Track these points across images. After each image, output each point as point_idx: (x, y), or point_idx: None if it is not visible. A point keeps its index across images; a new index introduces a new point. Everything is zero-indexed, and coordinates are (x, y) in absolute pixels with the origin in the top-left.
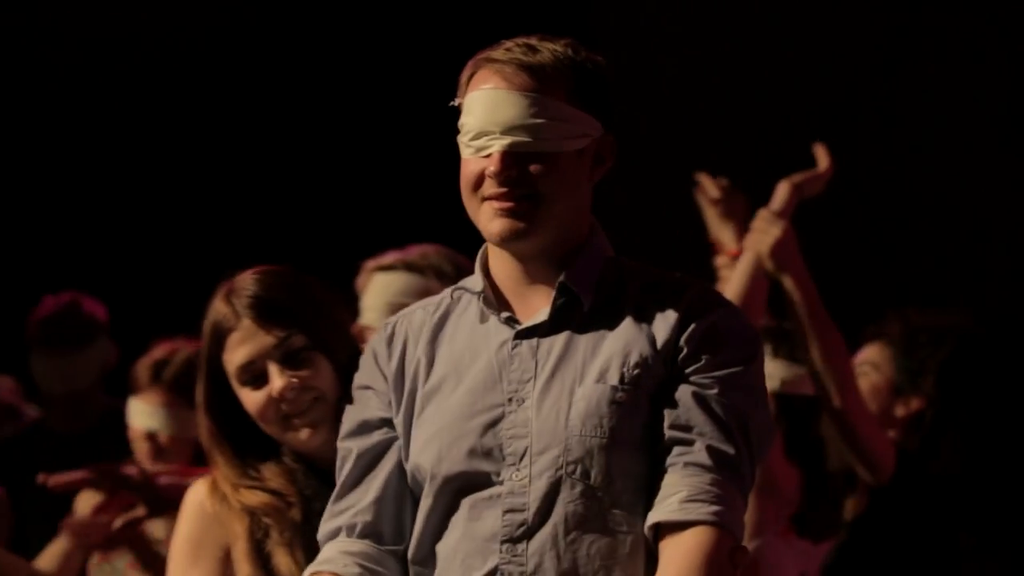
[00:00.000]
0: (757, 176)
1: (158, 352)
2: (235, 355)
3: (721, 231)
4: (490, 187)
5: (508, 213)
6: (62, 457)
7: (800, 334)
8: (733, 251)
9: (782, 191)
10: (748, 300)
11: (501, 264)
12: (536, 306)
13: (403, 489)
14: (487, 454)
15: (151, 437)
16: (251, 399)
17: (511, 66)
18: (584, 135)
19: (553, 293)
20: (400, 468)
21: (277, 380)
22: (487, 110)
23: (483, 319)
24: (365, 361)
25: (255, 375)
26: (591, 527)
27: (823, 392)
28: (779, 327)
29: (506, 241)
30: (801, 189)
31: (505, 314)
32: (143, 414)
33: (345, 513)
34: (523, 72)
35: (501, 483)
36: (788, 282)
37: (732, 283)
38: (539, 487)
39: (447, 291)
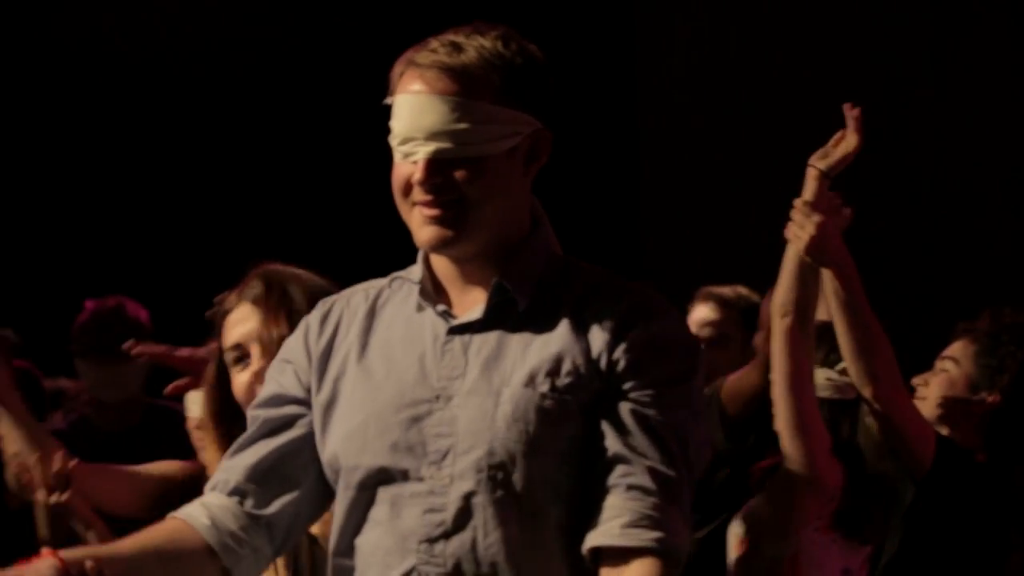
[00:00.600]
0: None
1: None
2: (228, 336)
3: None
4: (418, 194)
5: (435, 220)
6: (106, 454)
7: (838, 324)
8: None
9: (811, 181)
10: (799, 292)
11: (440, 259)
12: (474, 301)
13: (290, 466)
14: (410, 449)
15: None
16: (236, 381)
17: (433, 70)
18: (514, 134)
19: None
20: (296, 445)
21: (257, 362)
22: (412, 115)
23: (419, 309)
24: (296, 334)
25: (242, 356)
26: (510, 533)
27: (856, 382)
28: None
29: (435, 248)
30: (829, 174)
31: (441, 307)
32: (198, 403)
33: (224, 471)
34: (445, 75)
35: (422, 480)
36: (827, 273)
37: (780, 277)
38: (460, 488)
39: (387, 278)
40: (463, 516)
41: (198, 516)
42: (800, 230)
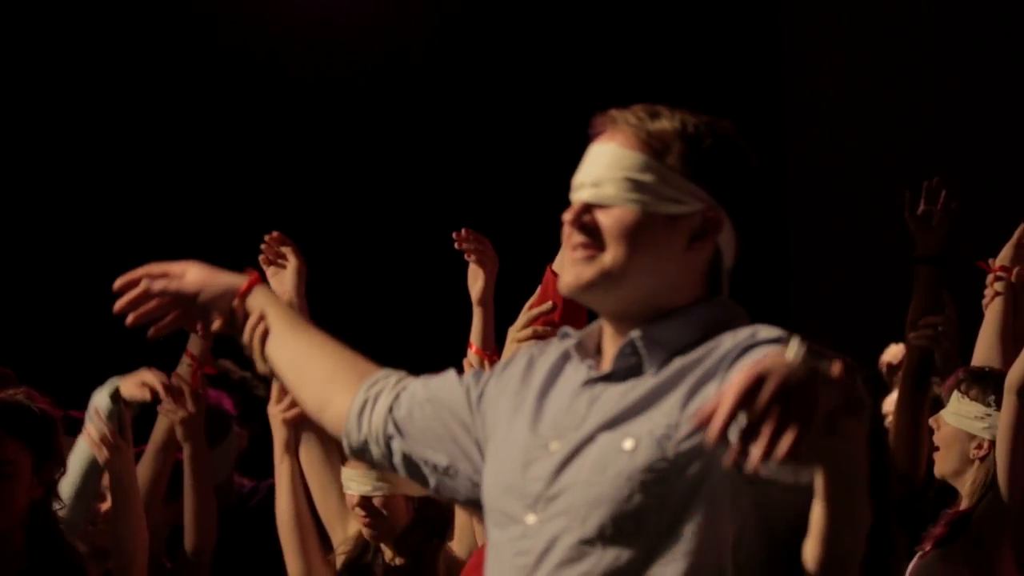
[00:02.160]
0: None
1: None
2: None
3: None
4: (566, 234)
5: (574, 263)
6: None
7: None
8: (995, 267)
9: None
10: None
11: (604, 318)
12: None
13: (434, 415)
14: (513, 491)
15: (366, 502)
16: None
17: (626, 127)
18: (679, 202)
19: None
20: (437, 407)
21: None
22: (591, 162)
23: (570, 359)
24: (505, 371)
25: None
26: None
27: None
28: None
29: (571, 292)
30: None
31: (589, 361)
32: (355, 480)
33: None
34: (634, 133)
35: (518, 523)
36: None
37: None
38: (548, 532)
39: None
40: (541, 559)
41: (360, 391)
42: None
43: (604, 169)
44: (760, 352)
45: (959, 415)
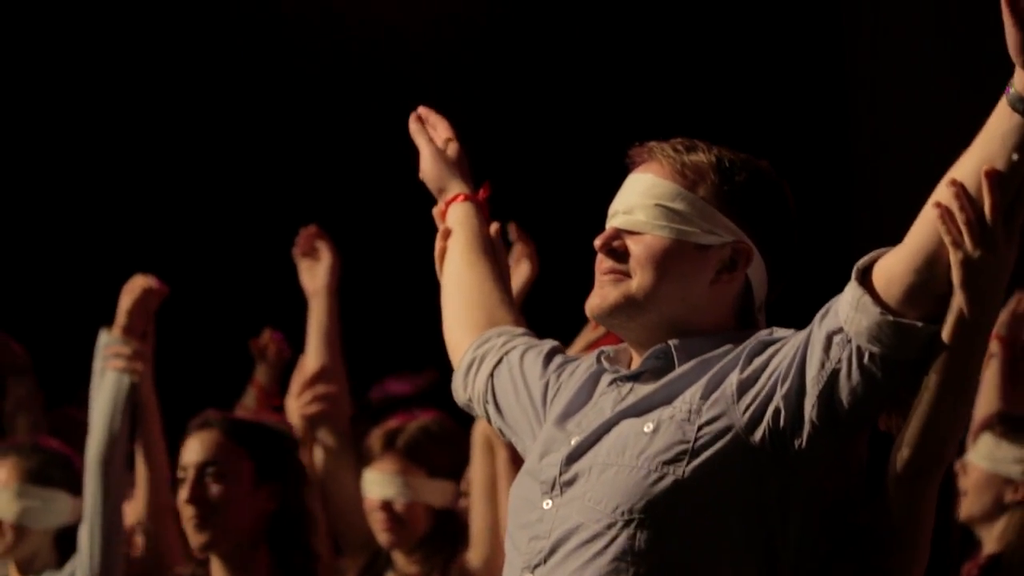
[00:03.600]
0: None
1: (392, 422)
2: None
3: None
4: (598, 259)
5: (601, 286)
6: None
7: None
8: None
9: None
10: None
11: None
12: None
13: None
14: (535, 479)
15: (387, 506)
16: None
17: (663, 157)
18: (710, 233)
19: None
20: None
21: None
22: (627, 190)
23: (598, 364)
24: (577, 363)
25: None
26: (585, 562)
27: None
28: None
29: (595, 316)
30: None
31: (615, 367)
32: (377, 483)
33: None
34: (670, 163)
35: (537, 509)
36: None
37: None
38: (561, 516)
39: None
40: (556, 545)
41: (470, 348)
42: None
43: (637, 197)
44: (778, 343)
45: (993, 459)
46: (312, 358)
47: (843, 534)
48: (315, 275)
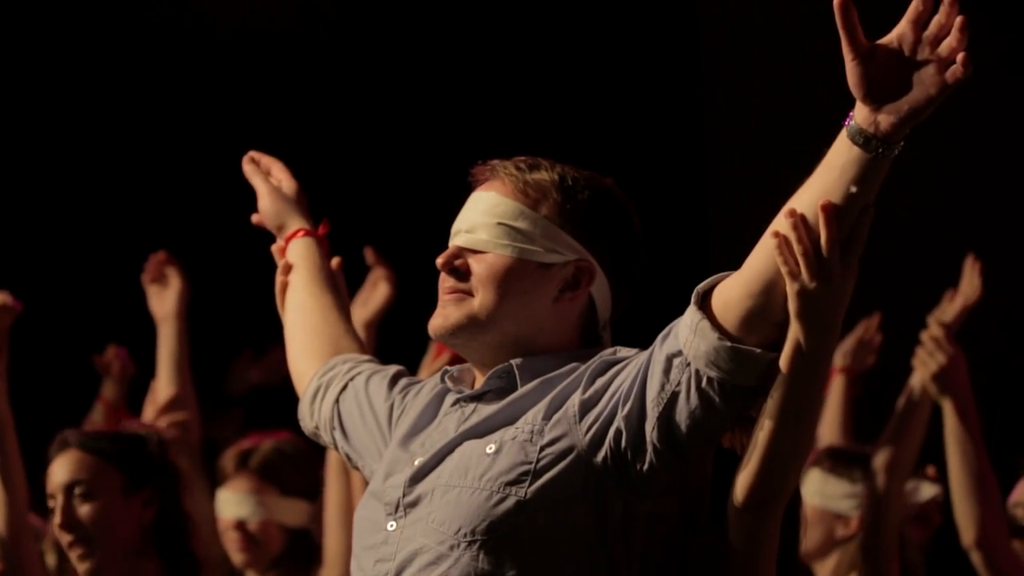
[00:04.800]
0: None
1: (245, 442)
2: None
3: None
4: (440, 279)
5: (442, 307)
6: None
7: (950, 460)
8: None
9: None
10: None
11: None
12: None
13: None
14: (379, 501)
15: (240, 526)
16: None
17: (505, 176)
18: (552, 251)
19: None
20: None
21: None
22: (469, 208)
23: (442, 384)
24: (422, 384)
25: None
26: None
27: (959, 524)
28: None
29: (438, 336)
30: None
31: (461, 387)
32: (231, 503)
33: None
34: (512, 182)
35: (382, 531)
36: (947, 406)
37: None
38: (406, 538)
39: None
40: (405, 564)
41: (315, 377)
42: (930, 357)
43: (479, 215)
44: (620, 363)
45: (823, 495)
46: (163, 385)
47: (686, 558)
48: (164, 301)
